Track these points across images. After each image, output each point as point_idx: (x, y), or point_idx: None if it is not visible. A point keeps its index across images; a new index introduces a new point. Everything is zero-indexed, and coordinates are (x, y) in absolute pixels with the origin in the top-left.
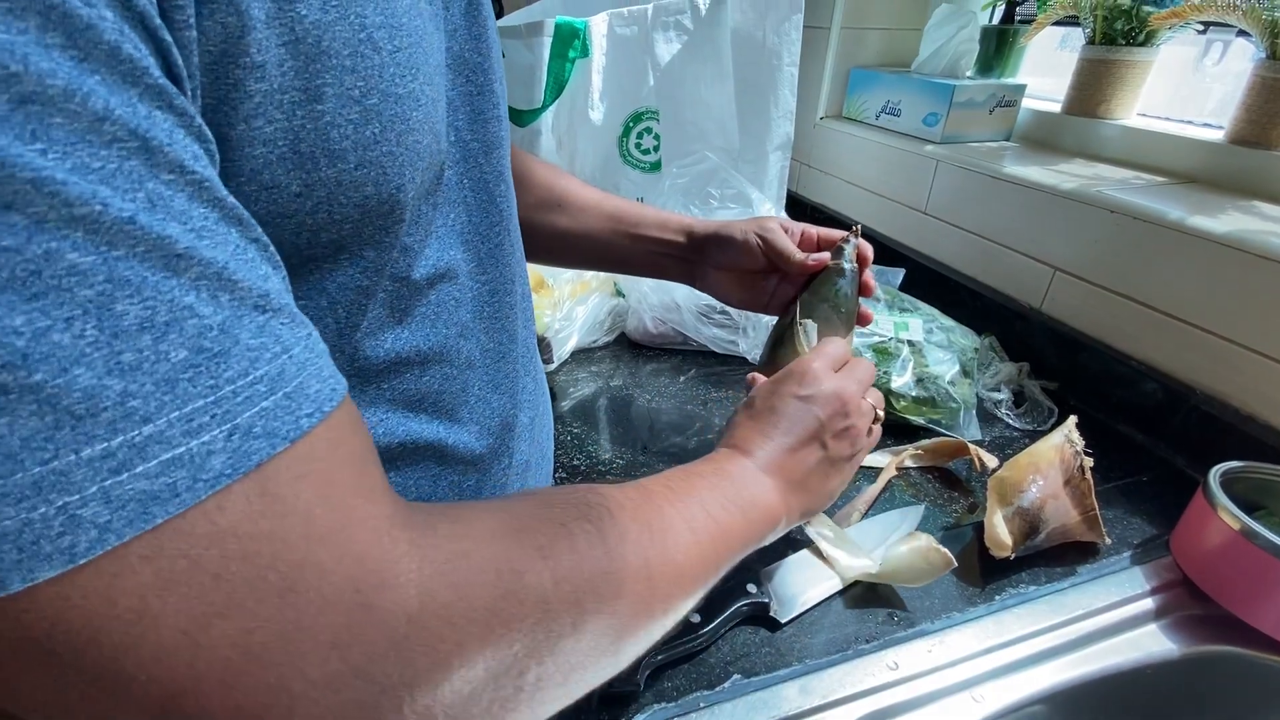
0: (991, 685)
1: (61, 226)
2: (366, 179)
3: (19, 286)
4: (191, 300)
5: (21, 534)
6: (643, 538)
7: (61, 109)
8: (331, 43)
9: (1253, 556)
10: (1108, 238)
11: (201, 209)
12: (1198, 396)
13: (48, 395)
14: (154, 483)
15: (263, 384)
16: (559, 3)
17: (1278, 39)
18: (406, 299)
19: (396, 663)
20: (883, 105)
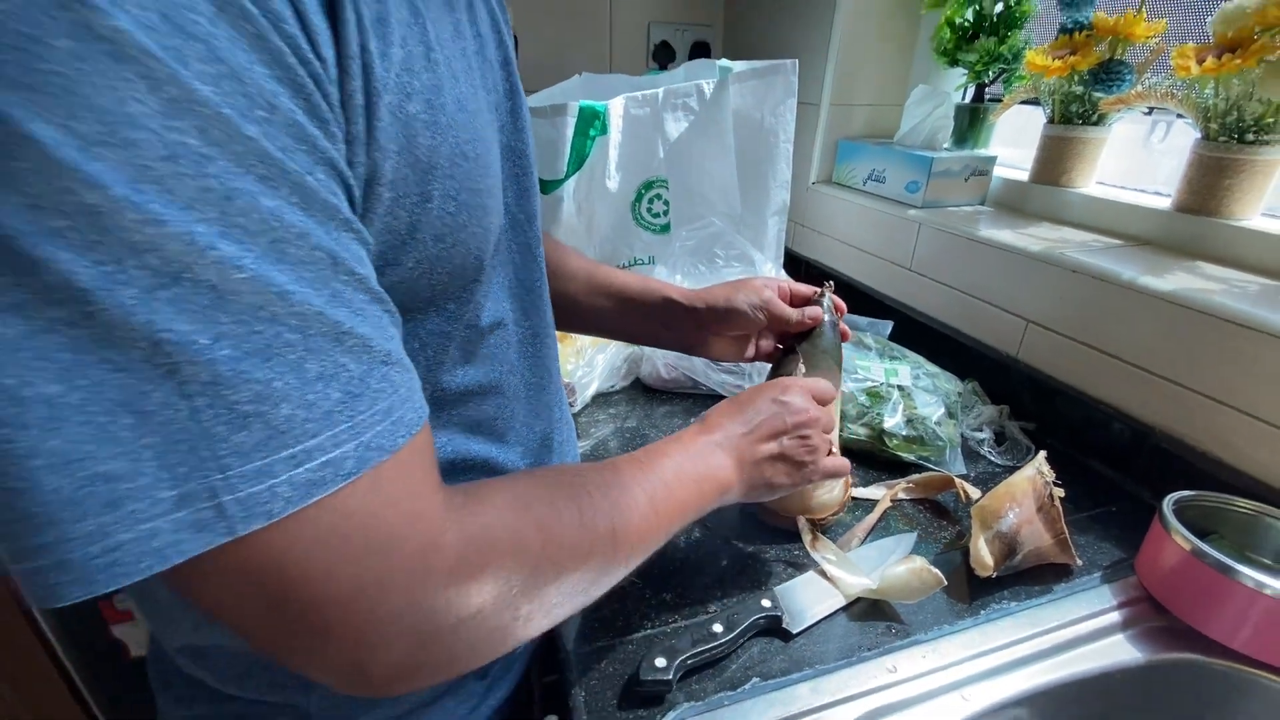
0: (978, 686)
1: (286, 319)
2: (456, 253)
3: (262, 353)
4: (346, 361)
5: (246, 501)
6: (611, 511)
7: (295, 244)
8: (438, 160)
9: (1203, 574)
10: (1072, 294)
11: (361, 296)
12: (1157, 435)
13: (267, 418)
14: (315, 474)
15: (379, 414)
16: (579, 85)
17: (1209, 122)
18: (474, 342)
19: (438, 599)
20: (869, 173)
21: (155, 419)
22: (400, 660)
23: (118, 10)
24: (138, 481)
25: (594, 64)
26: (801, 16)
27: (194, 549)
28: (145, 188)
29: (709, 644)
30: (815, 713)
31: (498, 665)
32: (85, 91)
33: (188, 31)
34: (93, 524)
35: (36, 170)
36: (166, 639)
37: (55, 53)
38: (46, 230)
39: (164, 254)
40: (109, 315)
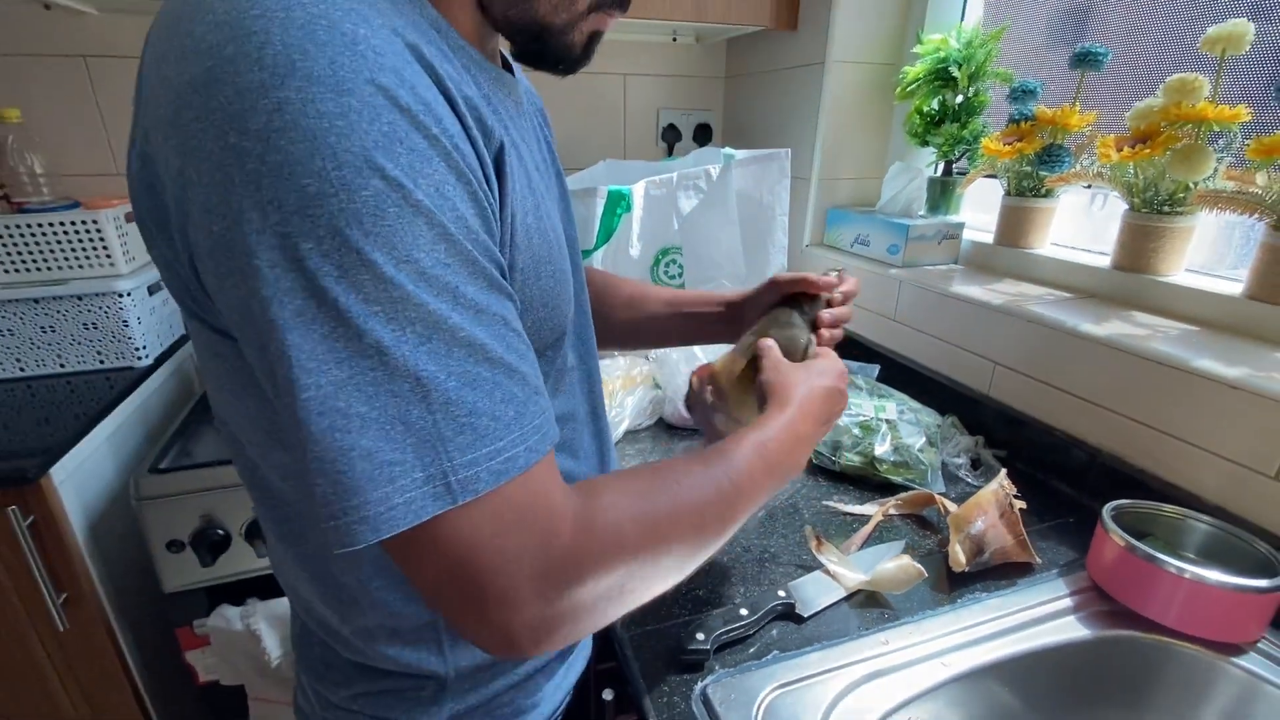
0: (955, 655)
1: (484, 362)
2: (554, 315)
3: (471, 385)
4: (516, 390)
5: (464, 481)
6: (696, 492)
7: (487, 313)
8: (541, 252)
9: (1136, 565)
10: (1031, 340)
11: (521, 345)
12: (1104, 456)
13: (475, 427)
14: (501, 466)
15: (534, 428)
16: (604, 171)
17: (1134, 197)
18: (560, 380)
19: (558, 566)
20: (855, 236)
21: (414, 427)
22: (537, 621)
23: (417, 188)
24: (404, 466)
25: (611, 144)
26: (791, 104)
27: (433, 511)
28: (421, 285)
29: (737, 624)
30: (823, 675)
31: (573, 650)
32: (399, 232)
33: (446, 195)
34: (382, 492)
35: (371, 279)
36: (341, 623)
37: (389, 214)
38: (369, 313)
39: (425, 323)
40: (395, 362)
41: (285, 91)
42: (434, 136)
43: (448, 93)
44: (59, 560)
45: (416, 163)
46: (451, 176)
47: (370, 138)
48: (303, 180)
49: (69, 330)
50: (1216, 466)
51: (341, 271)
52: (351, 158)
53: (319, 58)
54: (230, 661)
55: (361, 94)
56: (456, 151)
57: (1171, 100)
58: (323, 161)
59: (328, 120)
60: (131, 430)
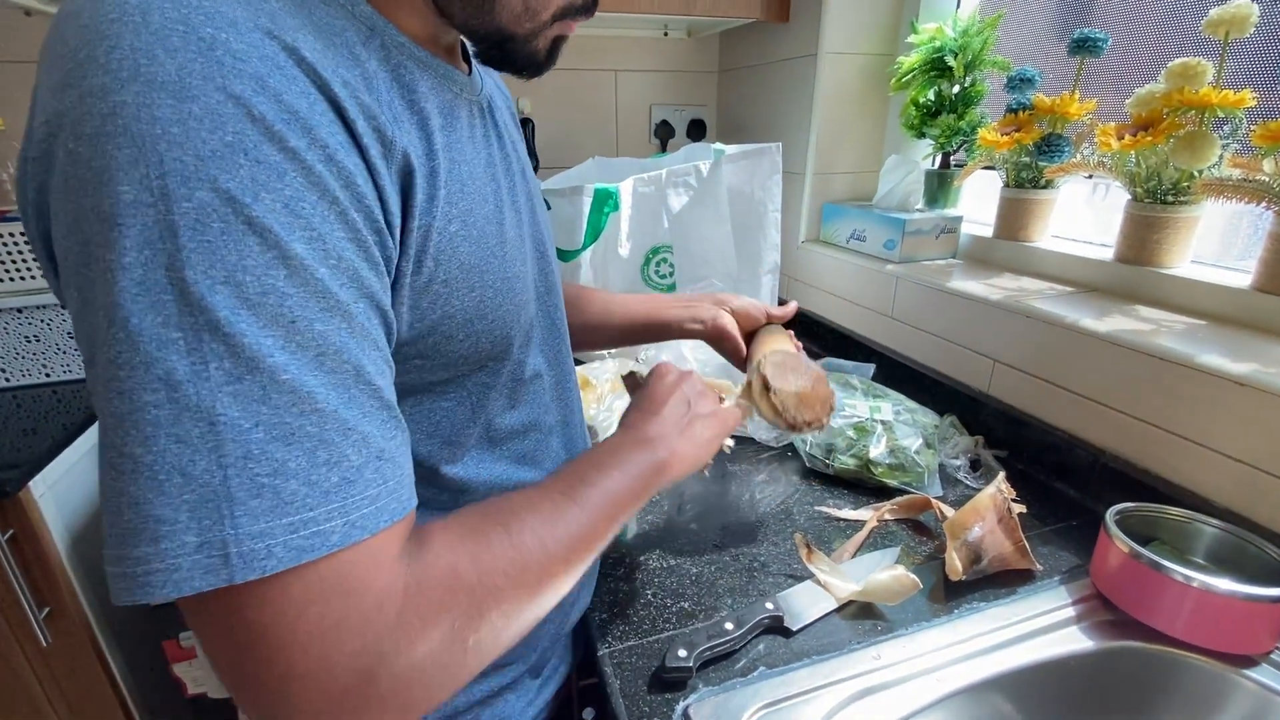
0: (950, 670)
1: (310, 414)
2: (495, 329)
3: (284, 439)
4: (350, 452)
5: (247, 555)
6: (539, 524)
7: (332, 358)
8: (477, 261)
9: (1141, 573)
10: (1032, 337)
11: (373, 403)
12: (1108, 457)
13: (278, 490)
14: (305, 542)
15: (368, 499)
16: (593, 168)
17: (1136, 186)
18: (518, 391)
19: (389, 639)
20: (851, 232)
21: (197, 481)
22: (357, 708)
23: (256, 203)
24: (174, 525)
25: (603, 141)
26: (785, 98)
27: (201, 586)
28: (241, 313)
29: (722, 639)
30: (812, 693)
31: (548, 667)
32: (221, 250)
33: (300, 213)
34: (141, 552)
35: (175, 299)
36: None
37: (213, 230)
38: (164, 339)
39: (237, 358)
40: (186, 400)
41: (123, 95)
42: (292, 150)
43: (335, 100)
44: (40, 574)
45: (262, 176)
46: (312, 194)
47: (208, 147)
48: (120, 188)
49: (53, 339)
50: (1225, 467)
51: (142, 289)
52: (180, 166)
53: (167, 63)
54: None
55: (207, 101)
56: (328, 164)
57: (1174, 86)
58: (146, 169)
59: (161, 126)
60: None
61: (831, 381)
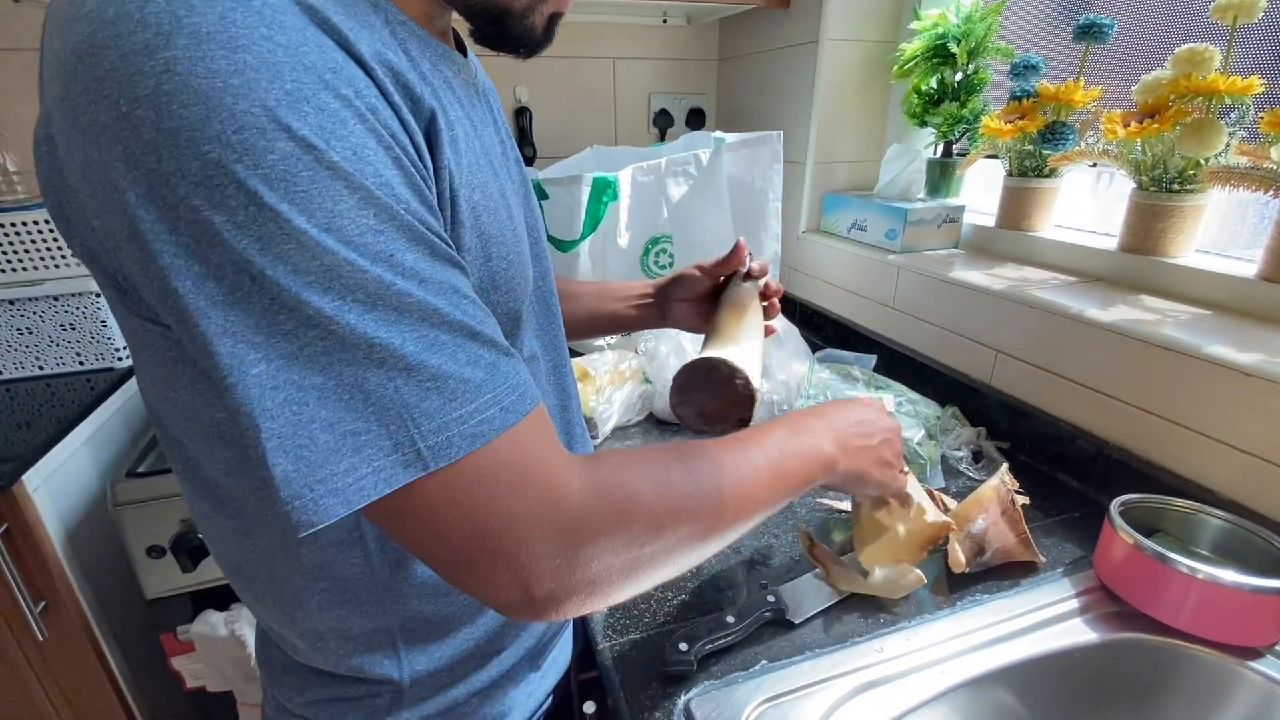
0: (954, 663)
1: (442, 326)
2: (508, 299)
3: (431, 349)
4: (483, 352)
5: (435, 447)
6: (717, 472)
7: (433, 280)
8: (492, 231)
9: (1145, 564)
10: (1035, 327)
11: (479, 311)
12: (1111, 448)
13: (441, 390)
14: (475, 429)
15: (509, 389)
16: (591, 157)
17: (1141, 175)
18: None
19: (570, 529)
20: (852, 222)
21: (375, 394)
22: (552, 583)
23: (331, 150)
24: (369, 436)
25: (601, 130)
26: (786, 86)
27: (404, 479)
28: (350, 253)
29: (723, 631)
30: (815, 686)
31: (548, 659)
32: (316, 197)
33: (367, 159)
34: (348, 462)
35: (296, 247)
36: (290, 625)
37: (303, 178)
38: (303, 284)
39: (366, 290)
40: (341, 331)
41: (172, 50)
42: (346, 97)
43: (360, 58)
44: (36, 568)
45: (328, 124)
46: (371, 140)
47: (272, 96)
48: (202, 148)
49: (46, 331)
50: (1230, 458)
51: (263, 243)
52: (252, 119)
53: (207, 13)
54: (216, 667)
55: (259, 50)
56: (373, 114)
57: (1180, 72)
58: (220, 125)
59: (221, 79)
60: (113, 433)
61: (832, 373)
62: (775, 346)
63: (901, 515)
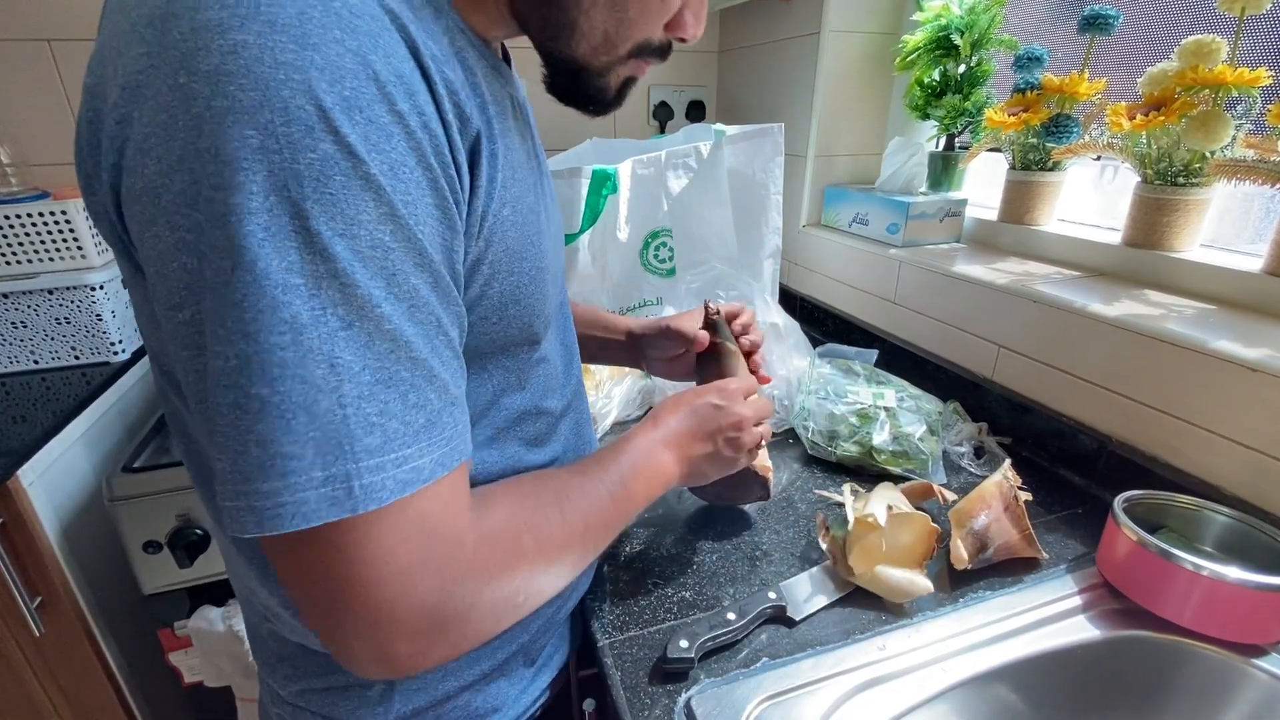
0: (956, 661)
1: (405, 360)
2: (524, 315)
3: (386, 382)
4: (432, 397)
5: (369, 488)
6: (586, 510)
7: (422, 310)
8: (519, 248)
9: (1149, 561)
10: (1037, 322)
11: (449, 353)
12: (1114, 444)
13: (384, 428)
14: (407, 475)
15: (445, 440)
16: (590, 149)
17: (1146, 168)
18: (529, 373)
19: (459, 585)
20: (853, 216)
21: (321, 419)
22: (419, 637)
23: (371, 161)
24: (301, 461)
25: (600, 122)
26: (787, 78)
27: (327, 517)
28: (355, 264)
29: (724, 629)
30: (816, 684)
31: (543, 655)
32: (342, 203)
33: (401, 177)
34: (269, 486)
35: (301, 247)
36: (282, 604)
37: (335, 183)
38: (290, 285)
39: (351, 305)
40: (312, 343)
41: (245, 34)
42: (400, 113)
43: (425, 70)
44: (31, 563)
45: (374, 135)
46: (412, 158)
47: (329, 98)
48: (245, 131)
49: (41, 325)
50: (1235, 454)
51: (269, 234)
52: (304, 115)
53: (288, 6)
54: (214, 662)
55: (328, 51)
56: (424, 131)
57: (1187, 64)
58: (271, 114)
59: (285, 72)
60: (109, 427)
61: (834, 367)
62: (776, 342)
63: (897, 520)
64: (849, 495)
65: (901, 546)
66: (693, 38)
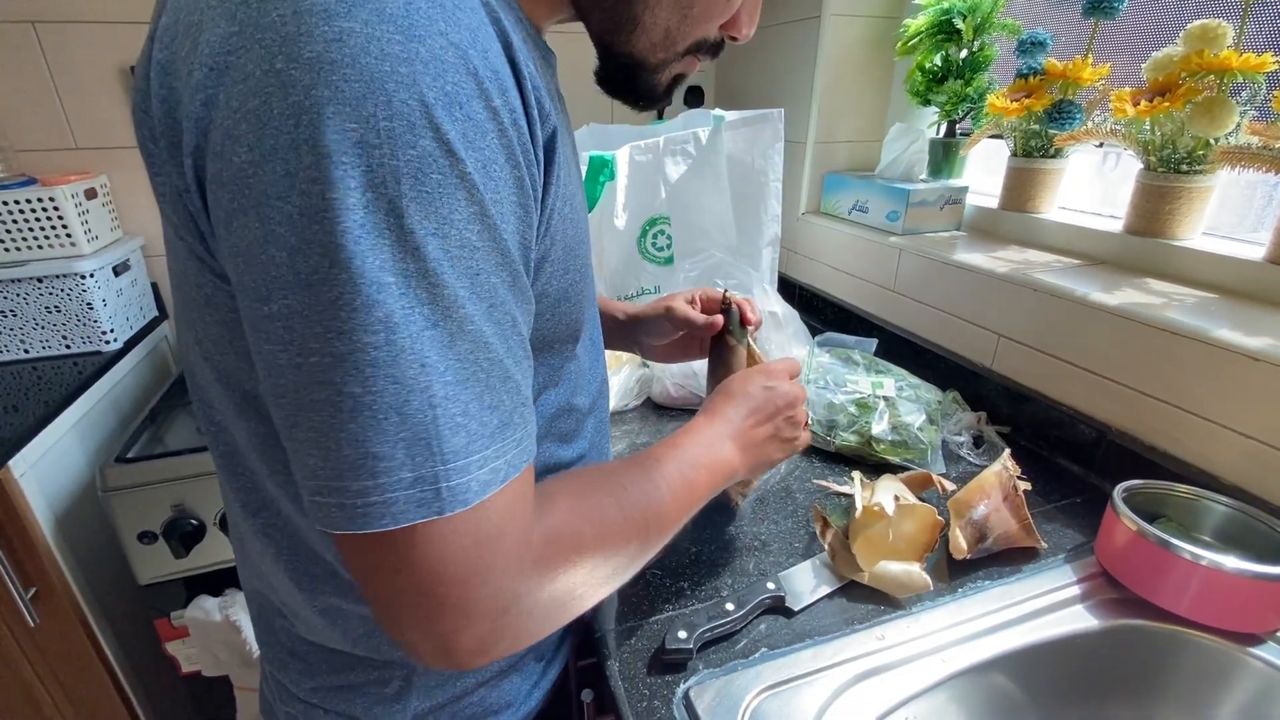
0: (955, 650)
1: (483, 361)
2: (576, 310)
3: (465, 382)
4: (505, 398)
5: (455, 489)
6: (644, 503)
7: (500, 310)
8: (574, 244)
9: (1148, 550)
10: (1038, 311)
11: (521, 352)
12: (1114, 433)
13: (467, 429)
14: (489, 476)
15: (516, 441)
16: (587, 135)
17: (1149, 155)
18: (560, 369)
19: (524, 583)
20: (853, 203)
21: (411, 420)
22: (484, 634)
23: (467, 159)
24: (392, 461)
25: (597, 107)
26: (787, 64)
27: (416, 518)
28: (444, 263)
29: (723, 619)
30: (815, 674)
31: (551, 649)
32: (437, 201)
33: (492, 175)
34: (360, 485)
35: (394, 245)
36: (309, 599)
37: (432, 181)
38: (384, 283)
39: (438, 305)
40: (404, 343)
41: (351, 22)
42: (495, 109)
43: (515, 64)
44: (25, 554)
45: (471, 133)
46: (501, 156)
47: (432, 93)
48: (348, 124)
49: (31, 314)
50: (1235, 443)
51: (364, 231)
52: (407, 111)
53: None
54: (211, 652)
55: (433, 45)
56: (514, 128)
57: (1192, 49)
58: (374, 107)
59: (390, 64)
60: (102, 417)
61: (833, 356)
62: (774, 330)
63: (902, 510)
64: (859, 485)
65: (905, 537)
66: (745, 38)
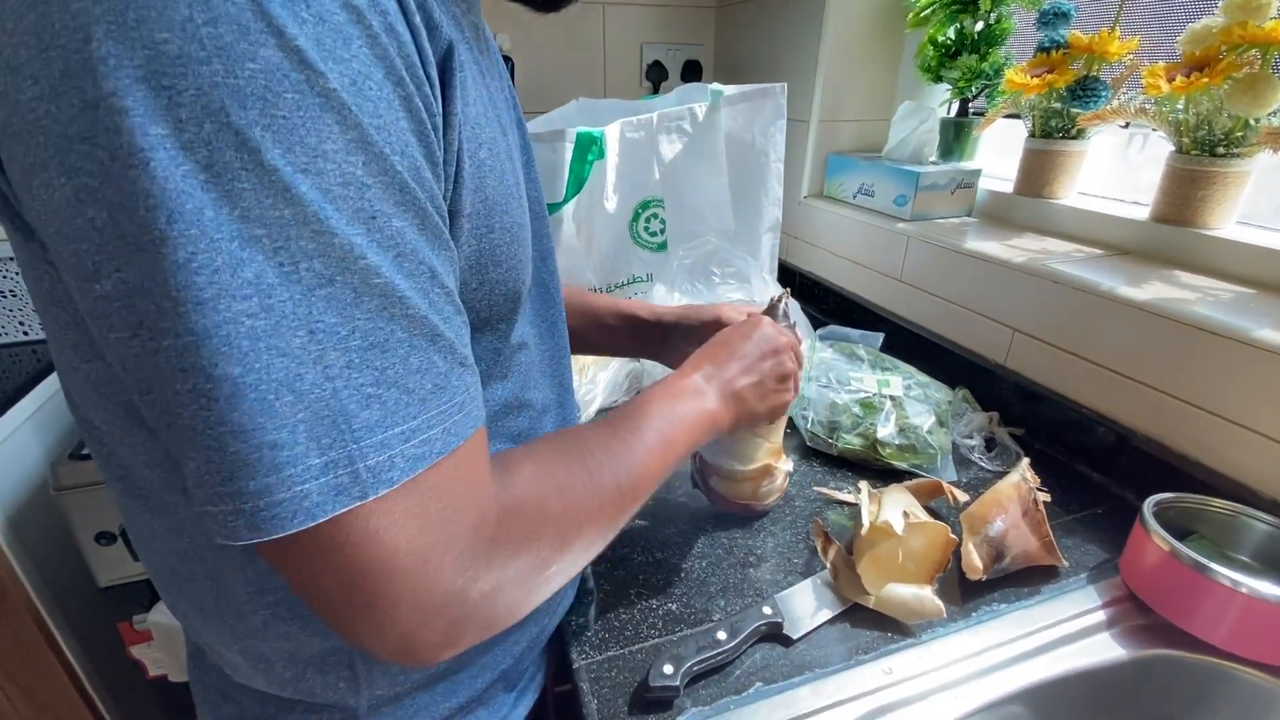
0: (970, 685)
1: (400, 319)
2: (509, 277)
3: (380, 346)
4: (437, 359)
5: (375, 469)
6: (615, 466)
7: (410, 258)
8: (497, 198)
9: (1182, 574)
10: (1055, 304)
11: (449, 307)
12: (1139, 439)
13: (383, 399)
14: (418, 450)
15: (457, 406)
16: (576, 111)
17: (1182, 136)
18: (506, 360)
19: (484, 564)
20: (858, 187)
21: (308, 396)
22: (448, 625)
23: (329, 71)
24: (294, 449)
25: (589, 84)
26: (789, 36)
27: (336, 509)
28: (325, 206)
29: (713, 650)
30: (816, 714)
31: (524, 677)
32: (299, 128)
33: (366, 93)
34: (260, 484)
35: (255, 189)
36: (228, 641)
37: (286, 101)
38: (247, 236)
39: (327, 259)
40: (283, 306)
41: None
42: (357, 9)
43: None
44: None
45: (328, 38)
46: (378, 69)
47: None
48: (158, 34)
49: None
50: (1274, 453)
51: (210, 173)
52: (237, 11)
53: None
54: (176, 656)
55: None
56: (389, 34)
57: (1234, 19)
58: (190, 10)
59: None
60: (61, 409)
61: (836, 352)
62: None
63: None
64: (866, 497)
65: (915, 556)
66: None
